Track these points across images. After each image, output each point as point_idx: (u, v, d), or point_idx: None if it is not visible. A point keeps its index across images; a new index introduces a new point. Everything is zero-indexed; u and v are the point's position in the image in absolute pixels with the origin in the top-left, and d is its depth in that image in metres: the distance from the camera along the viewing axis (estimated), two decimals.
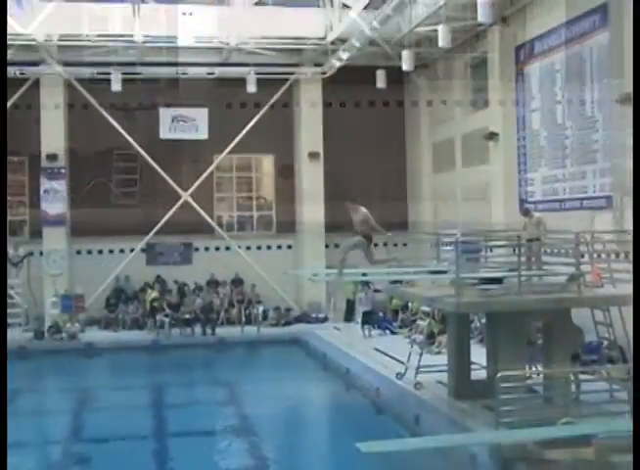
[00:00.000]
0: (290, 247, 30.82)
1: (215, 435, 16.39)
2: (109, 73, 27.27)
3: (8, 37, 25.01)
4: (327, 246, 29.65)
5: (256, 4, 26.23)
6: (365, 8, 23.30)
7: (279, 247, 30.92)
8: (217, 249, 30.43)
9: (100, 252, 29.87)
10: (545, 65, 21.93)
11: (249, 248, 30.40)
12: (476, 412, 14.89)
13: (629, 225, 13.11)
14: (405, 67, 24.25)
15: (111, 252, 29.84)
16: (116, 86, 27.15)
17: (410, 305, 25.69)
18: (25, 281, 27.80)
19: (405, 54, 24.04)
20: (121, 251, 29.65)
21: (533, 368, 15.84)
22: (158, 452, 15.01)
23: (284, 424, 17.08)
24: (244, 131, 29.47)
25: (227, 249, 30.25)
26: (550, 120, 21.79)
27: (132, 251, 29.44)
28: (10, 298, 27.27)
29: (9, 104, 27.99)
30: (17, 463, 14.30)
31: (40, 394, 22.00)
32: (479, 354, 17.51)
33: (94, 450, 15.21)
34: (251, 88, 27.93)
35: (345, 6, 24.52)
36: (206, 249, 30.38)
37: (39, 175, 28.44)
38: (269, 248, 30.85)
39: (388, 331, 25.80)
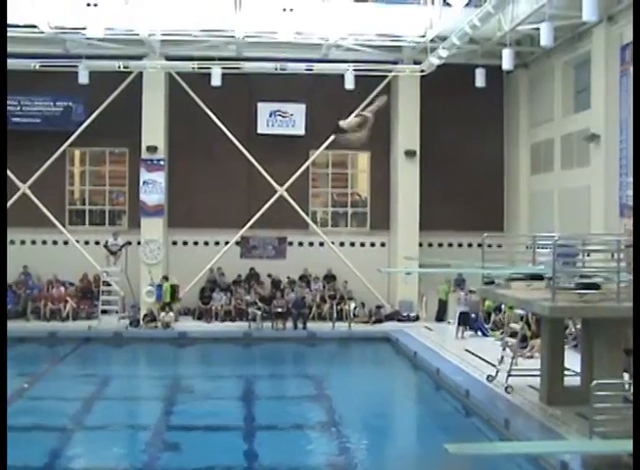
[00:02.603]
0: (383, 244, 30.74)
1: (302, 429, 16.43)
2: (209, 68, 27.67)
3: (113, 32, 25.82)
4: (420, 244, 29.51)
5: (356, 0, 26.20)
6: (466, 5, 23.08)
7: (372, 244, 30.88)
8: (311, 244, 30.56)
9: (195, 243, 30.33)
10: None
11: (342, 244, 30.45)
12: (568, 419, 14.66)
13: None
14: (505, 66, 23.88)
15: (206, 244, 30.27)
16: (216, 81, 27.55)
17: (503, 307, 25.39)
18: (123, 270, 28.39)
19: (506, 53, 23.67)
20: (216, 243, 30.04)
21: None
22: (245, 443, 15.16)
23: (372, 421, 17.02)
24: None
25: (321, 244, 30.36)
26: None
27: (227, 243, 29.80)
28: (107, 285, 28.00)
29: (113, 95, 28.75)
30: (106, 446, 14.74)
31: (133, 380, 22.46)
32: (572, 360, 17.27)
33: (183, 437, 15.44)
34: (349, 85, 27.92)
35: (446, 3, 24.28)
36: (300, 244, 30.54)
37: (139, 166, 29.03)
38: (363, 245, 30.84)
39: (480, 332, 25.58)
